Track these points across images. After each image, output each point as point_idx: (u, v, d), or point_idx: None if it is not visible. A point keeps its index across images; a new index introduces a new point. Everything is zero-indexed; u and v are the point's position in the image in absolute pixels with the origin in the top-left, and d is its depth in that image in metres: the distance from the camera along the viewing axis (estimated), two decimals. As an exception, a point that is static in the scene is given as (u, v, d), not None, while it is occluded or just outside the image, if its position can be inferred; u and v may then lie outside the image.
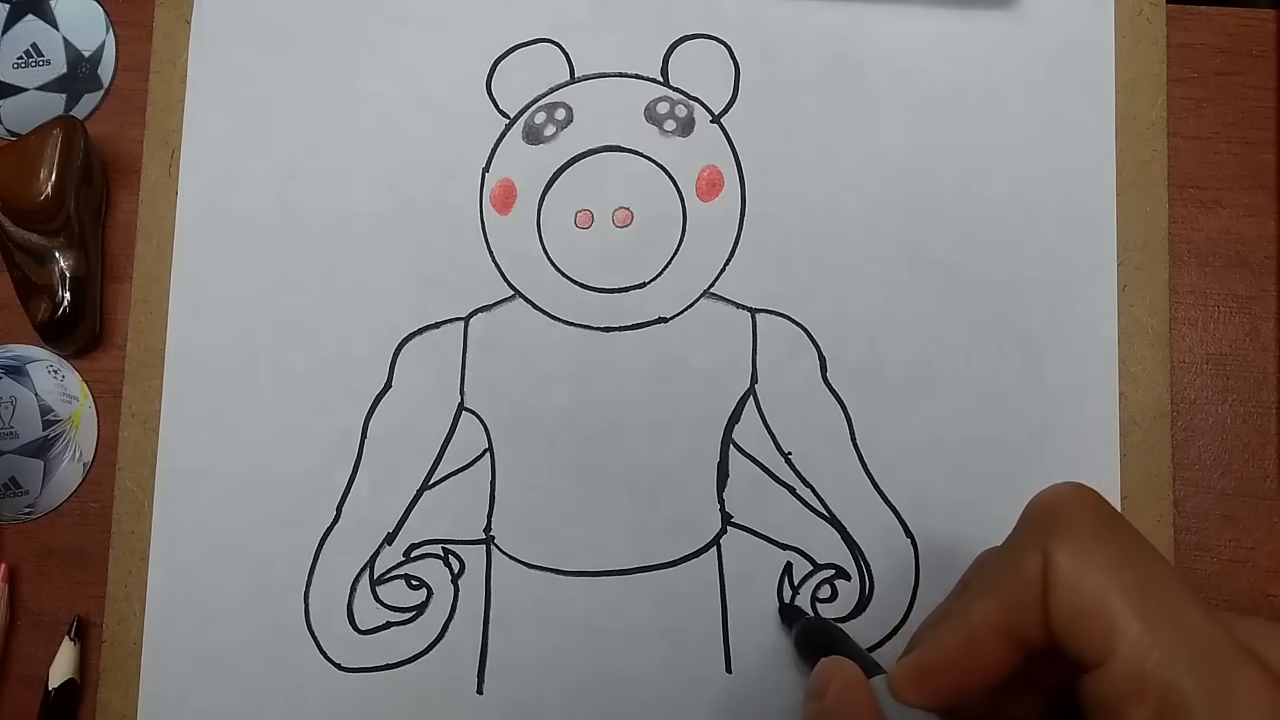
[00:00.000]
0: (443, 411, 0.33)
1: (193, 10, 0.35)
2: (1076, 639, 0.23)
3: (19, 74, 0.36)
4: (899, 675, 0.26)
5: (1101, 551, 0.23)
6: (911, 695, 0.26)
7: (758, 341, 0.33)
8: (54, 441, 0.34)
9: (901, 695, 0.26)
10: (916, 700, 0.26)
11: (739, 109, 0.34)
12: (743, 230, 0.34)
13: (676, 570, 0.32)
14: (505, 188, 0.34)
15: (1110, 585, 0.23)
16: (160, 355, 0.33)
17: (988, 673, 0.25)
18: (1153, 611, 0.22)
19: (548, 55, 0.34)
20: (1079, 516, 0.24)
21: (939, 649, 0.26)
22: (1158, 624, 0.22)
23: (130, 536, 0.33)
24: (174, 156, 0.34)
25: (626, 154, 0.34)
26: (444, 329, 0.33)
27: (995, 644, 0.25)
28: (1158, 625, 0.22)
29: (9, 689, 0.33)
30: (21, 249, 0.33)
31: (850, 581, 0.32)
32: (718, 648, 0.32)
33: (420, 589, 0.32)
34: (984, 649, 0.25)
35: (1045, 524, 0.24)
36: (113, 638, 0.32)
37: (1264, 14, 0.36)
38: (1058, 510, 0.24)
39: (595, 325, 0.33)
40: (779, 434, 0.33)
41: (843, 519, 0.33)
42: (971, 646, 0.25)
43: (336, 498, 0.33)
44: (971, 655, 0.25)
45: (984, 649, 0.25)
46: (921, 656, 0.26)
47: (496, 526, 0.33)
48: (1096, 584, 0.23)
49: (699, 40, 0.34)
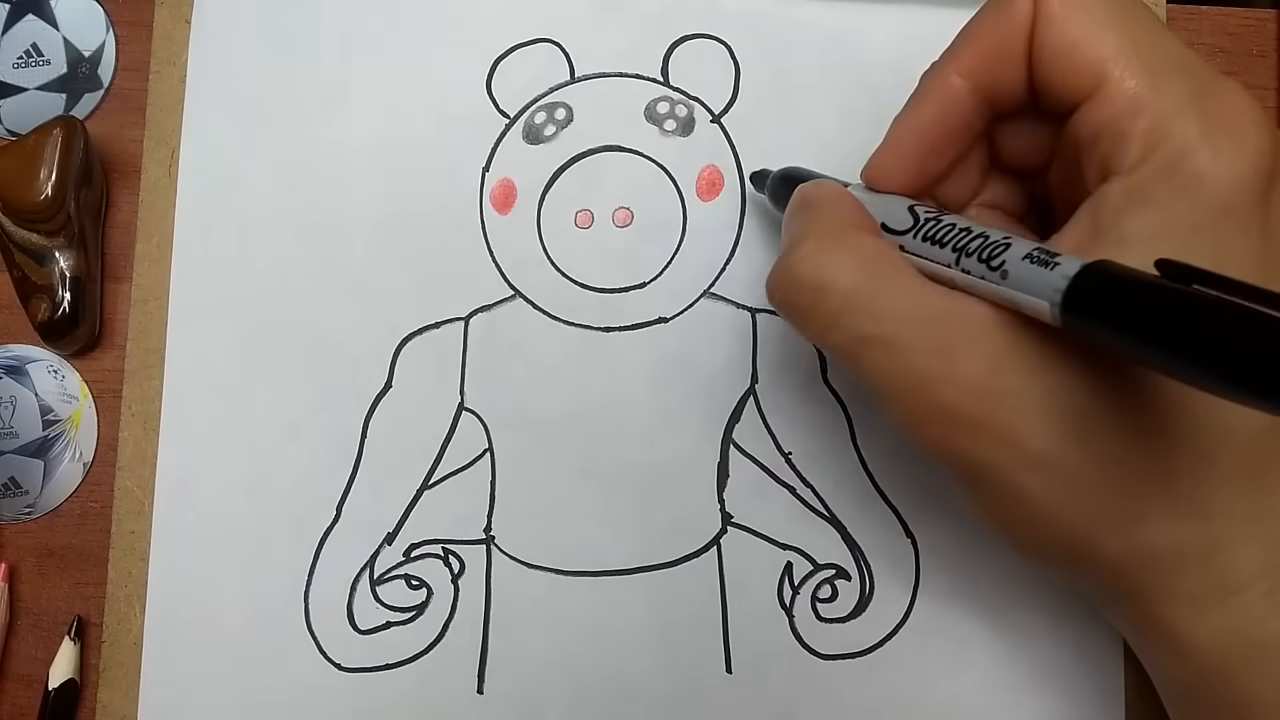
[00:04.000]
0: (443, 411, 0.33)
1: (193, 10, 0.35)
2: (1065, 71, 0.23)
3: (19, 74, 0.36)
4: (874, 163, 0.27)
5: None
6: (887, 178, 0.26)
7: (758, 341, 0.33)
8: (54, 441, 0.34)
9: (876, 181, 0.27)
10: (893, 183, 0.26)
11: (739, 109, 0.34)
12: (743, 230, 0.34)
13: (676, 570, 0.32)
14: (505, 187, 0.34)
15: (1101, 17, 0.23)
16: (160, 355, 0.33)
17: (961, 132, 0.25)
18: (1140, 40, 0.23)
19: (548, 55, 0.34)
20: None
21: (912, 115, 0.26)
22: (1147, 49, 0.23)
23: (130, 536, 0.33)
24: (174, 156, 0.34)
25: (626, 154, 0.34)
26: (444, 329, 0.33)
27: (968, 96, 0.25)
28: (1147, 50, 0.23)
29: (9, 689, 0.33)
30: (21, 249, 0.33)
31: (850, 581, 0.32)
32: (718, 648, 0.32)
33: (420, 589, 0.32)
34: (959, 102, 0.25)
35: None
36: (113, 638, 0.32)
37: (1264, 14, 0.36)
38: None
39: (595, 325, 0.33)
40: (779, 434, 0.33)
41: (843, 519, 0.33)
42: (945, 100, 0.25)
43: (336, 498, 0.33)
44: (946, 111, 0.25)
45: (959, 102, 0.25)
46: (894, 132, 0.26)
47: (497, 526, 0.33)
48: (1086, 16, 0.23)
49: (699, 40, 0.34)
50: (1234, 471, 0.22)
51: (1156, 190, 0.22)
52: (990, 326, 0.22)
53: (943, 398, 0.23)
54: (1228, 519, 0.22)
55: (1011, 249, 0.22)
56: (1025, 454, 0.22)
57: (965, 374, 0.22)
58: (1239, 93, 0.23)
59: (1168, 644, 0.23)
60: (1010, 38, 0.24)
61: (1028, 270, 0.21)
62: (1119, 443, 0.22)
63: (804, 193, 0.28)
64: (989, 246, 0.22)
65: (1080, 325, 0.19)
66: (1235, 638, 0.22)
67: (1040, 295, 0.20)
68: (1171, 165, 0.22)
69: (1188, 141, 0.22)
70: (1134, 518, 0.22)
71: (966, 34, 0.25)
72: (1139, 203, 0.22)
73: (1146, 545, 0.22)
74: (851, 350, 0.24)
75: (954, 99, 0.25)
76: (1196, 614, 0.22)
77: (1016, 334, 0.22)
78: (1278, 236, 0.22)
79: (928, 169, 0.26)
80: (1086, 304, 0.19)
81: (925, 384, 0.23)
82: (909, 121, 0.26)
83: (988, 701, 0.32)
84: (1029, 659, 0.32)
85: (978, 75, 0.25)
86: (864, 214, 0.26)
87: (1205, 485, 0.22)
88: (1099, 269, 0.19)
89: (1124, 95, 0.23)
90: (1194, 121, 0.22)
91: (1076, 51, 0.23)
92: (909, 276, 0.24)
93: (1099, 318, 0.19)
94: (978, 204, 0.28)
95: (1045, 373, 0.22)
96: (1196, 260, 0.18)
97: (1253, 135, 0.22)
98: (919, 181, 0.26)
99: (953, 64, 0.25)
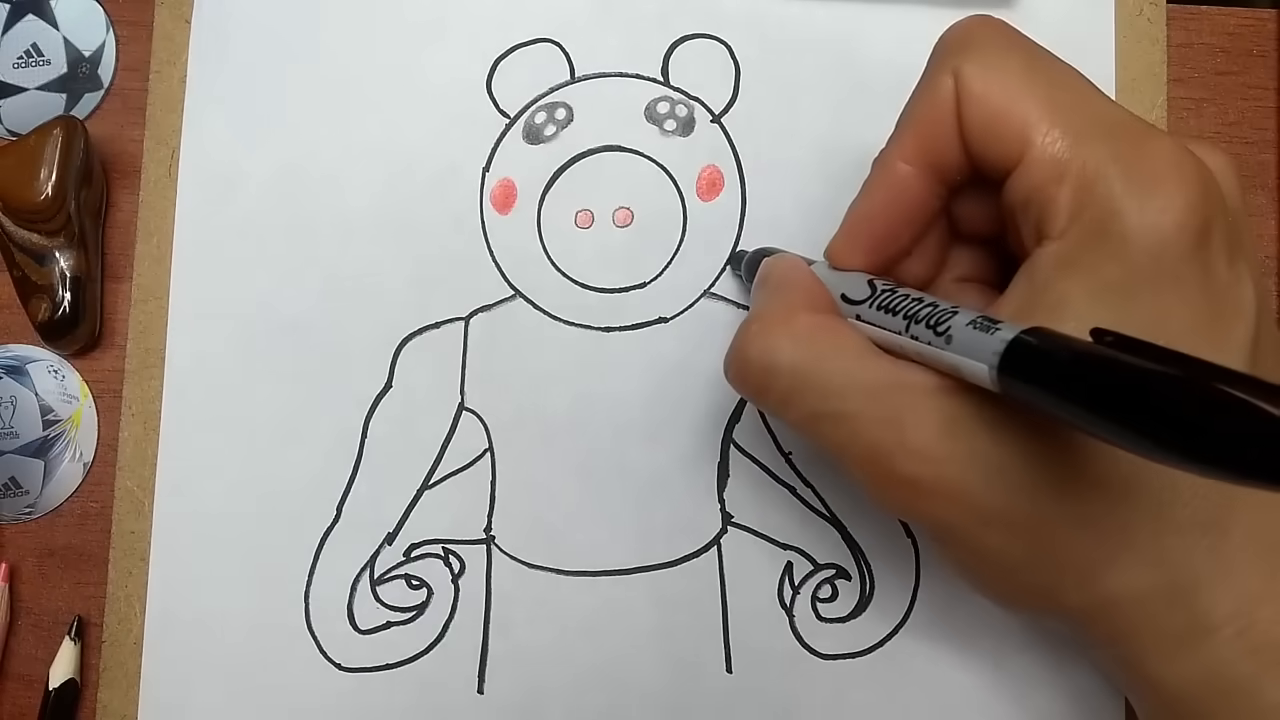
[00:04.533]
0: (443, 411, 0.33)
1: (193, 10, 0.35)
2: (992, 142, 0.24)
3: (19, 74, 0.36)
4: (833, 246, 0.27)
5: (1009, 60, 0.24)
6: (846, 260, 0.27)
7: (758, 341, 0.33)
8: (54, 441, 0.34)
9: (837, 262, 0.27)
10: (852, 264, 0.27)
11: (739, 109, 0.34)
12: (743, 230, 0.34)
13: (677, 570, 0.32)
14: (505, 187, 0.34)
15: (1019, 86, 0.23)
16: (160, 355, 0.33)
17: (914, 214, 0.26)
18: (1061, 103, 0.23)
19: (548, 55, 0.34)
20: (986, 35, 0.25)
21: (865, 202, 0.26)
22: (1068, 112, 0.23)
23: (130, 536, 0.33)
24: (174, 156, 0.34)
25: (627, 154, 0.34)
26: (444, 329, 0.33)
27: (915, 179, 0.25)
28: (1068, 113, 0.23)
29: (9, 689, 0.33)
30: (21, 249, 0.33)
31: (850, 581, 0.32)
32: (718, 648, 0.32)
33: (420, 589, 0.32)
34: (906, 187, 0.25)
35: (954, 49, 0.25)
36: (113, 638, 0.32)
37: (1264, 14, 0.36)
38: (965, 35, 0.25)
39: (595, 325, 0.33)
40: (779, 434, 0.33)
41: (843, 519, 0.33)
42: (894, 187, 0.26)
43: (336, 498, 0.33)
44: (895, 197, 0.26)
45: (906, 187, 0.25)
46: (850, 217, 0.27)
47: (497, 526, 0.33)
48: (1006, 87, 0.23)
49: (699, 40, 0.34)
50: (1189, 520, 0.22)
51: (1085, 253, 0.22)
52: (934, 393, 0.23)
53: (895, 466, 0.23)
54: (1188, 566, 0.22)
55: (957, 316, 0.22)
56: (979, 512, 0.23)
57: (914, 441, 0.23)
58: (1168, 145, 0.23)
59: (1142, 687, 0.24)
60: (940, 116, 0.24)
61: (970, 335, 0.21)
62: (1070, 499, 0.22)
63: (763, 269, 0.28)
64: (937, 314, 0.23)
65: (1016, 388, 0.20)
66: (1206, 680, 0.22)
67: (979, 359, 0.20)
68: (1098, 226, 0.22)
69: (1112, 201, 0.22)
70: (1095, 568, 0.22)
71: (903, 119, 0.26)
72: (1069, 267, 0.22)
73: (1110, 594, 0.22)
74: (807, 426, 0.25)
75: (902, 184, 0.25)
76: (1166, 657, 0.22)
77: (961, 399, 0.22)
78: (1220, 283, 0.22)
79: (884, 251, 0.26)
80: (1020, 369, 0.19)
81: (878, 454, 0.23)
82: (862, 209, 0.26)
83: (988, 701, 0.32)
84: (1029, 659, 0.32)
85: (919, 157, 0.25)
86: (818, 289, 0.26)
87: (1162, 535, 0.22)
88: (1033, 335, 0.19)
89: (1047, 160, 0.23)
90: (1118, 181, 0.22)
91: (999, 122, 0.23)
92: (854, 349, 0.24)
93: (1032, 382, 0.19)
94: (952, 279, 0.28)
95: (989, 435, 0.22)
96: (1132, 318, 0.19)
97: (1180, 188, 0.22)
98: (876, 263, 0.27)
99: (897, 150, 0.25)
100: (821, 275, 0.27)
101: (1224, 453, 0.15)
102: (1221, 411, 0.15)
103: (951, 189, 0.26)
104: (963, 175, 0.25)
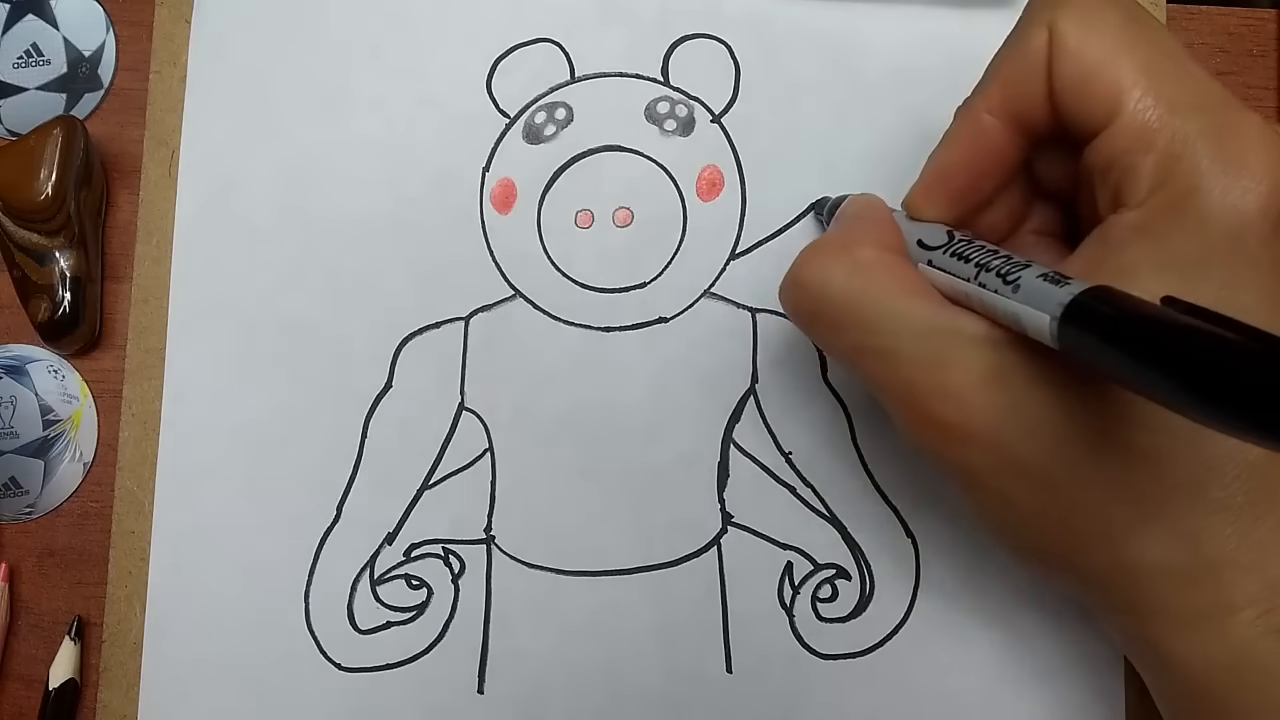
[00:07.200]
0: (443, 411, 0.33)
1: (193, 10, 0.35)
2: (1083, 102, 0.23)
3: (19, 74, 0.36)
4: (911, 196, 0.27)
5: (1106, 17, 0.23)
6: (926, 210, 0.27)
7: (758, 341, 0.33)
8: (54, 441, 0.34)
9: (916, 213, 0.27)
10: (932, 214, 0.27)
11: (739, 109, 0.34)
12: (743, 230, 0.34)
13: (676, 570, 0.32)
14: (505, 187, 0.34)
15: (1115, 46, 0.23)
16: (160, 355, 0.33)
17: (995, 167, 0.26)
18: (1157, 69, 0.23)
19: (548, 55, 0.34)
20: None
21: (946, 152, 0.26)
22: (1163, 79, 0.23)
23: (130, 536, 0.33)
24: (174, 156, 0.34)
25: (627, 154, 0.34)
26: (444, 329, 0.33)
27: (999, 132, 0.25)
28: (1163, 80, 0.23)
29: (9, 689, 0.33)
30: (21, 249, 0.33)
31: (850, 581, 0.32)
32: (718, 648, 0.32)
33: (420, 589, 0.32)
34: (989, 139, 0.25)
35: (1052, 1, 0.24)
36: (113, 638, 0.32)
37: (1264, 14, 0.36)
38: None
39: (595, 325, 0.33)
40: (779, 434, 0.33)
41: (843, 519, 0.33)
42: (977, 139, 0.25)
43: (336, 498, 0.33)
44: (978, 149, 0.25)
45: (989, 139, 0.25)
46: (932, 166, 0.27)
47: (497, 526, 0.33)
48: (1101, 46, 0.23)
49: (699, 40, 0.34)
50: (1225, 502, 0.22)
51: (1161, 225, 0.22)
52: (983, 343, 0.23)
53: (933, 407, 0.23)
54: (1217, 545, 0.22)
55: (1029, 269, 0.22)
56: (1011, 463, 0.23)
57: (954, 385, 0.23)
58: (1258, 127, 0.22)
59: (1156, 661, 0.23)
60: (1030, 70, 0.24)
61: (1038, 286, 0.21)
62: (1105, 463, 0.22)
63: (844, 205, 0.28)
64: (1010, 266, 0.23)
65: (1078, 340, 0.20)
66: (1224, 660, 0.22)
67: (1044, 309, 0.20)
68: (1179, 200, 0.22)
69: (1197, 177, 0.22)
70: (1122, 533, 0.22)
71: (991, 70, 0.26)
72: (1143, 236, 0.22)
73: (1133, 563, 0.22)
74: (851, 358, 0.25)
75: (985, 136, 0.25)
76: (1184, 634, 0.22)
77: (1008, 352, 0.22)
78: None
79: (964, 202, 0.26)
80: (1084, 320, 0.19)
81: (917, 394, 0.23)
82: (942, 159, 0.26)
83: (988, 701, 0.32)
84: (1029, 659, 0.32)
85: (1005, 110, 0.25)
86: (890, 228, 0.26)
87: (1194, 511, 0.22)
88: (1103, 291, 0.20)
89: (1136, 127, 0.23)
90: (1206, 157, 0.22)
91: (1092, 82, 0.23)
92: (909, 288, 0.24)
93: (1095, 333, 0.19)
94: (1029, 231, 0.28)
95: (1031, 390, 0.22)
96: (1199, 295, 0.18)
97: (1267, 172, 0.22)
98: (955, 214, 0.26)
99: (982, 101, 0.25)
100: (899, 221, 0.27)
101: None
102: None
103: (1034, 143, 0.26)
104: (1048, 130, 0.25)
